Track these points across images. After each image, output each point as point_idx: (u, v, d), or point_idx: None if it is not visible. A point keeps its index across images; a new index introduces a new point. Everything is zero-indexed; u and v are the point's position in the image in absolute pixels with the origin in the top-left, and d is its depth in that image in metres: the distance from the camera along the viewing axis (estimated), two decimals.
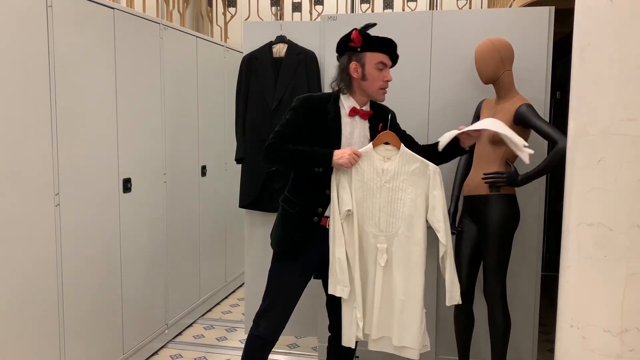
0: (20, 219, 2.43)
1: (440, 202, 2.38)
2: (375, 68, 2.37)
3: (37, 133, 2.52)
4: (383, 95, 2.44)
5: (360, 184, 2.37)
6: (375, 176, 2.37)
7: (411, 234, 2.38)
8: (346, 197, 2.35)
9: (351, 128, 2.44)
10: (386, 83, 2.41)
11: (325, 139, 2.40)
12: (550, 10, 2.94)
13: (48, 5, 2.54)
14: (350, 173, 2.37)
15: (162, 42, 3.55)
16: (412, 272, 2.38)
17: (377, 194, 2.37)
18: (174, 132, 3.71)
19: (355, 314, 2.40)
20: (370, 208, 2.38)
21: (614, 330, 1.58)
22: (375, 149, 2.38)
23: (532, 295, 3.12)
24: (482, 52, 2.73)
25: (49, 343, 2.63)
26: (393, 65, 2.46)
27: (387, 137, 2.38)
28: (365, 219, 2.39)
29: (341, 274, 2.37)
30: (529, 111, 2.63)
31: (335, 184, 2.38)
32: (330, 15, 3.25)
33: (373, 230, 2.39)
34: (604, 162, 1.59)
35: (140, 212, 3.36)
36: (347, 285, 2.38)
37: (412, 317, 2.39)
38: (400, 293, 2.39)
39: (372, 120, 2.48)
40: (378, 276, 2.40)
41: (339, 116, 2.43)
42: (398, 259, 2.39)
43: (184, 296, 3.96)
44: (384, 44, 2.39)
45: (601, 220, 1.59)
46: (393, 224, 2.38)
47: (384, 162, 2.37)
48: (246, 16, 5.44)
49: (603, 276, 1.60)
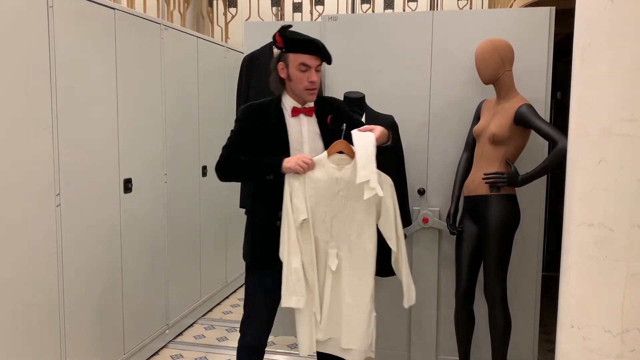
0: (21, 219, 2.43)
1: (392, 210, 2.38)
2: (297, 69, 2.35)
3: (37, 133, 2.52)
4: (310, 96, 2.41)
5: (314, 192, 2.34)
6: (329, 185, 2.34)
7: (361, 240, 2.37)
8: (301, 206, 2.33)
9: (298, 127, 2.44)
10: (311, 84, 2.36)
11: (273, 143, 2.41)
12: (550, 11, 2.94)
13: (49, 6, 2.54)
14: (304, 181, 2.34)
15: (162, 43, 3.55)
16: (361, 276, 2.38)
17: (330, 202, 2.35)
18: (174, 132, 3.71)
19: (315, 318, 2.38)
20: (322, 215, 2.36)
21: (615, 331, 1.58)
22: (330, 157, 2.35)
23: (533, 296, 3.12)
24: (482, 53, 2.73)
25: (50, 343, 2.63)
26: (327, 63, 2.42)
27: (341, 146, 2.35)
28: (317, 226, 2.37)
29: (298, 284, 2.35)
30: (529, 111, 2.63)
31: (289, 192, 2.34)
32: (330, 16, 3.26)
33: (324, 236, 2.37)
34: (605, 163, 1.59)
35: (141, 212, 3.36)
36: (303, 294, 2.35)
37: (360, 320, 2.38)
38: (349, 297, 2.38)
39: (320, 114, 2.47)
40: (328, 280, 2.38)
41: (282, 118, 2.43)
42: (347, 263, 2.38)
43: (184, 296, 3.97)
44: (304, 45, 2.34)
45: (602, 220, 1.60)
46: (344, 230, 2.37)
47: (338, 170, 2.34)
48: (247, 16, 5.44)
49: (603, 276, 1.60)
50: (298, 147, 2.43)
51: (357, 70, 3.19)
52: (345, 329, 2.39)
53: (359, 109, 2.92)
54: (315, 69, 2.36)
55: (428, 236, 3.19)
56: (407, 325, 3.30)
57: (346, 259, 2.38)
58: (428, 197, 3.16)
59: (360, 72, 3.19)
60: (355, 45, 3.19)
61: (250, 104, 2.54)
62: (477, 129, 2.84)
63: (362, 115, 2.90)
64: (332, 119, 2.45)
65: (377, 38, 3.16)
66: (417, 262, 3.22)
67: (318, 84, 2.39)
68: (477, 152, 2.85)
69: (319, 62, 2.37)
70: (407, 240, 3.14)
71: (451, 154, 3.10)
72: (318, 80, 2.38)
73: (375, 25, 3.17)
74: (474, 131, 2.87)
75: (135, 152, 3.27)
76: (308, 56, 2.34)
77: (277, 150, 2.39)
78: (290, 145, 2.42)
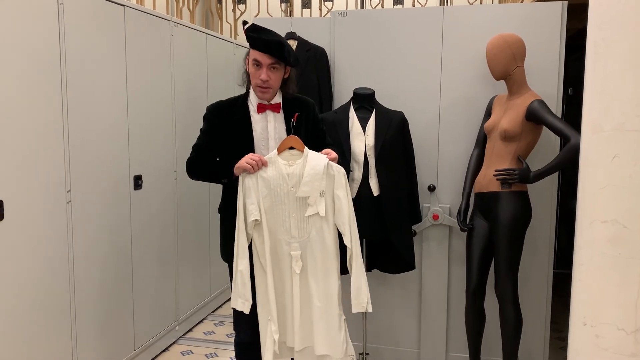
0: (32, 216, 2.45)
1: (345, 203, 2.32)
2: (252, 65, 2.37)
3: (48, 131, 2.53)
4: (262, 94, 2.40)
5: (268, 191, 2.31)
6: (281, 182, 2.30)
7: (321, 238, 2.32)
8: (251, 207, 2.30)
9: (264, 123, 2.44)
10: (262, 82, 2.36)
11: (237, 139, 2.41)
12: (563, 5, 2.91)
13: (59, 3, 2.55)
14: (257, 181, 2.31)
15: (172, 39, 3.55)
16: (326, 277, 2.33)
17: (285, 200, 2.31)
18: (184, 129, 3.72)
19: (270, 326, 2.34)
20: (280, 214, 2.32)
21: (628, 329, 1.56)
22: (280, 154, 2.32)
23: (544, 293, 3.10)
24: (493, 48, 2.71)
25: (61, 339, 2.65)
26: (285, 63, 2.39)
27: (291, 141, 2.33)
28: (277, 226, 2.33)
29: (243, 288, 2.32)
30: (541, 107, 2.60)
31: (242, 193, 2.32)
32: (340, 12, 3.24)
33: (285, 237, 2.33)
34: (618, 159, 1.57)
35: (151, 208, 3.37)
36: (249, 299, 2.32)
37: (330, 323, 2.33)
38: (316, 299, 2.32)
39: (288, 111, 2.46)
40: (295, 285, 2.33)
41: (248, 115, 2.43)
42: (312, 264, 2.33)
43: (194, 292, 3.98)
44: (256, 42, 2.34)
45: (615, 217, 1.58)
46: (304, 228, 2.32)
47: (288, 166, 2.31)
48: (256, 13, 5.44)
49: (617, 274, 1.58)
50: (263, 143, 2.44)
51: (367, 66, 3.18)
52: (317, 334, 2.33)
53: (369, 106, 2.91)
54: (269, 67, 2.34)
55: (438, 233, 3.17)
56: (417, 322, 3.29)
57: (310, 259, 2.33)
58: (438, 194, 3.15)
59: (370, 68, 3.17)
60: (364, 41, 3.18)
61: (217, 102, 2.55)
62: (488, 125, 2.82)
63: (372, 111, 2.88)
64: (299, 118, 2.43)
65: (386, 34, 3.15)
66: (428, 259, 3.21)
67: (272, 83, 2.37)
68: (488, 149, 2.83)
69: (272, 60, 2.34)
70: (417, 236, 3.14)
71: (462, 151, 3.08)
72: (271, 80, 2.36)
73: (385, 21, 3.15)
74: (485, 127, 2.85)
75: (145, 149, 3.28)
76: (259, 53, 2.33)
77: (241, 147, 2.39)
78: (255, 141, 2.43)
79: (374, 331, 3.31)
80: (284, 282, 2.36)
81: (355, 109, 2.91)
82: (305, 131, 2.47)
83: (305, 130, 2.48)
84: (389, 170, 2.84)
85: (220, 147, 2.47)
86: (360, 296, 2.35)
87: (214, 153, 2.50)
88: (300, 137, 2.37)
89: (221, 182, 2.48)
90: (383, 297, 3.29)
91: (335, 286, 2.34)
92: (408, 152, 2.96)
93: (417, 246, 3.11)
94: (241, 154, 2.34)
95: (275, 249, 2.35)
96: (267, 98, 2.43)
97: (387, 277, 3.23)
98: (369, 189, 2.83)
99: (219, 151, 2.49)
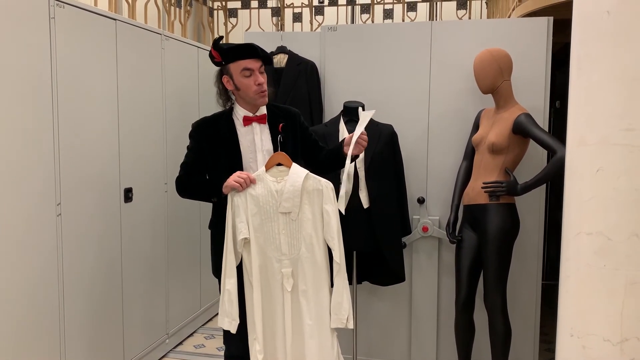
0: (22, 228, 2.44)
1: (334, 218, 2.32)
2: (242, 76, 2.37)
3: (38, 142, 2.53)
4: (263, 99, 2.42)
5: (257, 209, 2.30)
6: (270, 199, 2.30)
7: (312, 255, 2.32)
8: (240, 225, 2.29)
9: (251, 136, 2.45)
10: (260, 86, 2.38)
11: (225, 154, 2.43)
12: (548, 21, 2.96)
13: (51, 17, 2.56)
14: (246, 199, 2.31)
15: (163, 53, 3.57)
16: (317, 293, 2.32)
17: (275, 217, 2.30)
18: (175, 142, 3.72)
19: (255, 346, 2.32)
20: (270, 232, 2.31)
21: (614, 340, 1.58)
22: (269, 171, 2.33)
23: (533, 304, 3.12)
24: (480, 62, 2.75)
25: (50, 352, 2.63)
26: (268, 64, 2.43)
27: (279, 158, 2.34)
28: (267, 244, 2.32)
29: (230, 307, 2.30)
30: (528, 121, 2.64)
31: (231, 212, 2.31)
32: (330, 26, 3.28)
33: (275, 254, 2.32)
34: (603, 172, 1.60)
35: (142, 221, 3.37)
36: (236, 318, 2.31)
37: (322, 342, 2.31)
38: (308, 318, 2.31)
39: (273, 122, 2.48)
40: (287, 303, 2.31)
41: (234, 129, 2.45)
42: (303, 282, 2.32)
43: (184, 305, 3.96)
44: (241, 50, 2.36)
45: (600, 229, 1.60)
46: (294, 245, 2.32)
47: (277, 183, 2.31)
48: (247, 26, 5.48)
49: (603, 285, 1.60)
50: (251, 156, 2.45)
51: (357, 80, 3.21)
52: (309, 353, 2.31)
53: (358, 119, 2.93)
54: (259, 70, 2.37)
55: (428, 245, 3.20)
56: (407, 333, 3.30)
57: (301, 276, 2.32)
58: (428, 206, 3.17)
59: (360, 82, 3.20)
60: (354, 55, 3.21)
61: (202, 118, 2.56)
62: (476, 138, 2.85)
63: None
64: (284, 128, 2.45)
65: (376, 48, 3.18)
66: (417, 270, 3.22)
67: (266, 85, 2.40)
68: (476, 161, 2.86)
69: (260, 63, 2.38)
70: (407, 249, 3.16)
71: (450, 163, 3.11)
72: (265, 82, 2.39)
73: (375, 36, 3.19)
74: (472, 140, 2.88)
75: (136, 162, 3.28)
76: (248, 60, 2.35)
77: (230, 162, 2.40)
78: (243, 155, 2.44)
79: (364, 343, 3.31)
80: (275, 301, 2.34)
81: (346, 122, 2.94)
82: (294, 141, 2.49)
83: (294, 140, 2.49)
84: (378, 182, 2.86)
85: (208, 164, 2.48)
86: (341, 312, 2.33)
87: (202, 170, 2.50)
88: (289, 148, 2.39)
89: (211, 200, 2.48)
90: (373, 308, 3.30)
91: (327, 302, 2.33)
92: (397, 165, 2.98)
93: (407, 258, 3.12)
94: (230, 169, 2.35)
95: (265, 267, 2.33)
96: (266, 102, 2.45)
97: (377, 289, 3.24)
98: (359, 201, 2.85)
99: (207, 168, 2.49)
